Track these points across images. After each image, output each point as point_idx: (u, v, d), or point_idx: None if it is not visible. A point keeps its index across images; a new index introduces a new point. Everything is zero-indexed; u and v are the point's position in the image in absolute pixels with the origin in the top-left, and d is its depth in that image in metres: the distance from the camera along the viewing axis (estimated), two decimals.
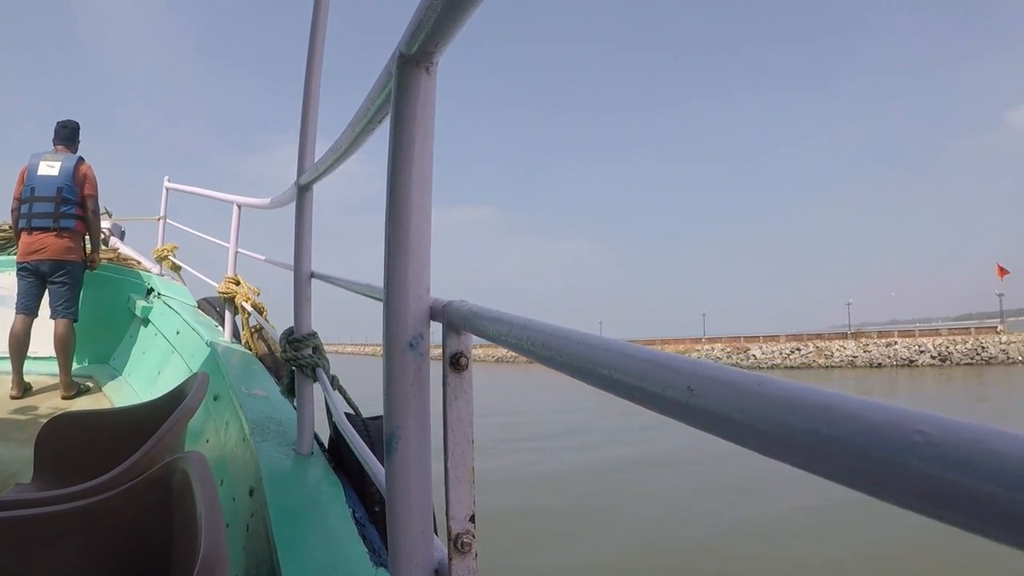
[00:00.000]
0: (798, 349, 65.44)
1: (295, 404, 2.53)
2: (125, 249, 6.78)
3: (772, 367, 62.90)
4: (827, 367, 61.16)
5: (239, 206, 4.11)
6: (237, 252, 4.14)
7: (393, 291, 0.97)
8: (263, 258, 3.57)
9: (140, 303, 5.69)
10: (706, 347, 72.54)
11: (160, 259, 6.24)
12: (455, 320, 0.90)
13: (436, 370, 1.00)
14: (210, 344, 3.95)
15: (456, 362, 0.94)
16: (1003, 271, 63.54)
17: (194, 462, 1.68)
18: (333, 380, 2.30)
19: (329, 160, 1.81)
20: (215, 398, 3.27)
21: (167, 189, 6.56)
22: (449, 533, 0.95)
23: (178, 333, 4.79)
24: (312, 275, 2.29)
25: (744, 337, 75.02)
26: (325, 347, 2.36)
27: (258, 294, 4.01)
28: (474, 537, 0.95)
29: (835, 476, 0.33)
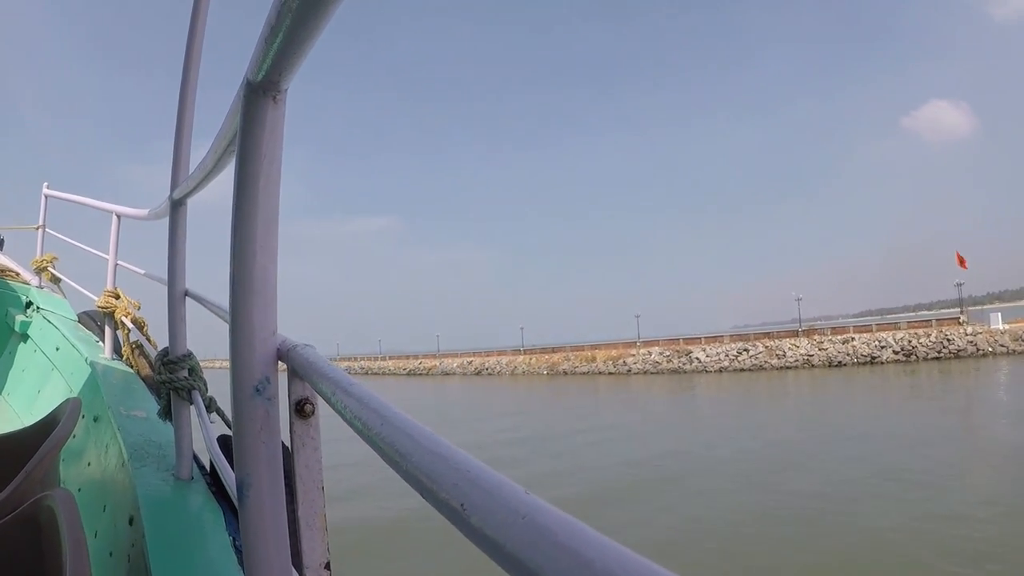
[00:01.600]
0: (746, 350, 61.33)
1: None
2: (3, 259, 6.39)
3: (720, 370, 60.06)
4: (781, 368, 57.63)
5: (119, 216, 3.92)
6: (117, 264, 3.95)
7: (238, 334, 0.93)
8: (143, 272, 3.42)
9: (19, 317, 5.38)
10: (642, 351, 68.07)
11: (39, 270, 5.88)
12: (297, 366, 0.87)
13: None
14: (90, 362, 3.76)
15: (301, 409, 0.91)
16: (963, 260, 61.77)
17: (61, 500, 1.60)
18: (210, 403, 2.22)
19: (199, 177, 1.74)
20: (95, 419, 3.13)
21: (46, 196, 6.21)
22: None
23: (58, 349, 4.55)
24: (186, 294, 2.20)
25: (684, 339, 69.76)
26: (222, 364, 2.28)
27: (139, 308, 3.83)
28: None
29: None
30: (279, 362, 0.95)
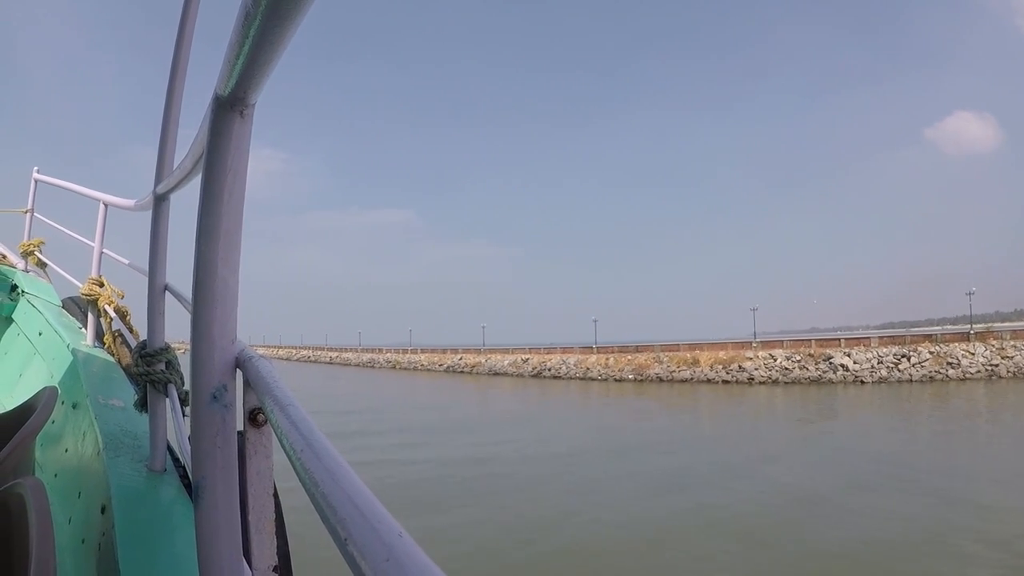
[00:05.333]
0: (905, 356, 49.89)
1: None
2: None
3: (878, 381, 48.76)
4: (960, 380, 47.08)
5: (106, 205, 3.95)
6: (102, 252, 3.97)
7: (198, 342, 0.96)
8: (127, 262, 3.44)
9: (4, 300, 5.39)
10: (761, 353, 55.03)
11: (26, 254, 5.90)
12: (251, 377, 0.90)
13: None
14: (72, 348, 3.79)
15: (254, 418, 0.94)
16: None
17: (32, 489, 1.63)
18: (185, 396, 2.24)
19: (179, 176, 1.76)
20: (74, 406, 3.15)
21: (36, 181, 6.22)
22: None
23: (40, 334, 4.56)
24: (166, 288, 2.22)
25: (816, 340, 56.10)
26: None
27: (122, 297, 3.85)
28: None
29: None
30: (238, 370, 0.98)
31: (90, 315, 4.10)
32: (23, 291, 5.36)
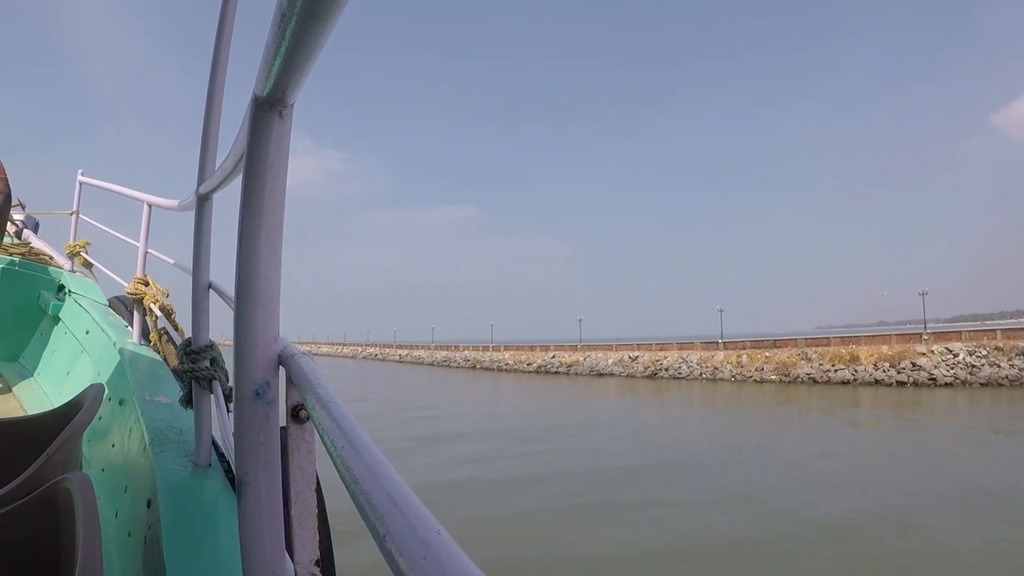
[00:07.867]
0: None
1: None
2: (38, 243, 6.56)
3: None
4: None
5: (149, 205, 4.02)
6: (147, 252, 4.05)
7: (241, 339, 0.97)
8: (172, 261, 3.50)
9: (51, 300, 5.53)
10: (936, 347, 44.70)
11: (72, 255, 6.04)
12: (293, 374, 0.91)
13: None
14: (118, 346, 3.87)
15: (296, 414, 0.95)
16: None
17: (79, 483, 1.67)
18: (229, 393, 2.28)
19: (220, 176, 1.78)
20: (120, 403, 3.22)
21: (80, 183, 6.35)
22: None
23: (87, 333, 4.67)
24: (210, 287, 2.26)
25: (1002, 330, 45.08)
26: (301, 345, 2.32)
27: (167, 295, 3.93)
28: None
29: None
30: (280, 367, 0.99)
31: (136, 313, 4.18)
32: (70, 291, 5.49)
